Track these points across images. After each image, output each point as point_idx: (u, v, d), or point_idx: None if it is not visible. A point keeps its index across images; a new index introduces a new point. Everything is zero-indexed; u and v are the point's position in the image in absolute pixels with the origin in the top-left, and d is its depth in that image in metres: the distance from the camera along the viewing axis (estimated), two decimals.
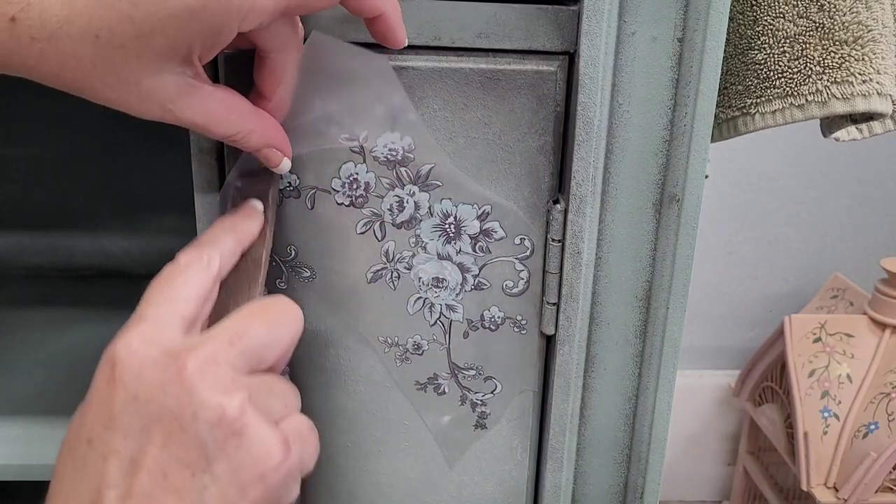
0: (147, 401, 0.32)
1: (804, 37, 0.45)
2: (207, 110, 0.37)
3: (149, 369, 0.32)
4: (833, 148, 1.30)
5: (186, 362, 0.32)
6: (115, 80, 0.34)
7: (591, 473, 0.51)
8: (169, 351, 0.33)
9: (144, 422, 0.32)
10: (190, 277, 0.36)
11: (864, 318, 1.17)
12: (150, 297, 0.35)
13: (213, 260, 0.38)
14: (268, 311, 0.35)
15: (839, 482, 1.11)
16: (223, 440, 0.32)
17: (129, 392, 0.32)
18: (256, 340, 0.34)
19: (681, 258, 0.45)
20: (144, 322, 0.34)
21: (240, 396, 0.32)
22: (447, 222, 0.45)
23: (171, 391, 0.32)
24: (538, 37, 0.42)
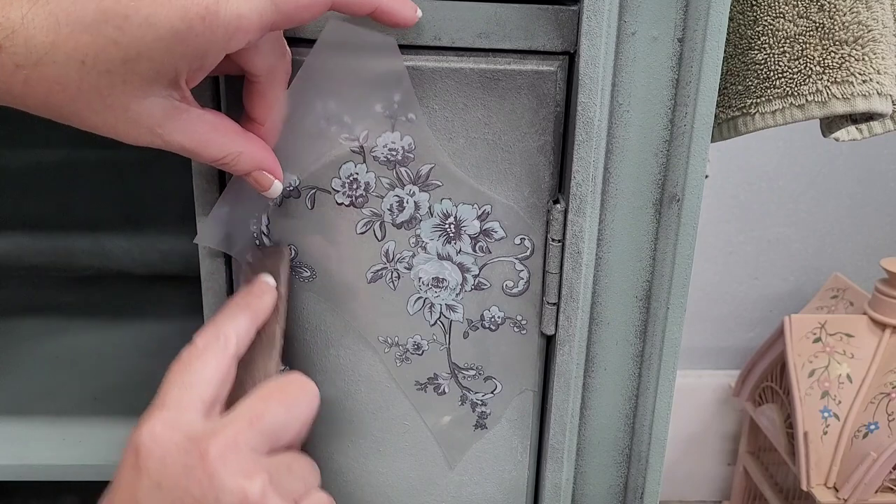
0: (171, 488, 0.33)
1: (804, 37, 0.45)
2: (196, 133, 0.37)
3: (172, 455, 0.33)
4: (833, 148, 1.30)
5: (208, 448, 0.33)
6: (102, 106, 0.34)
7: (591, 473, 0.51)
8: (191, 436, 0.34)
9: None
10: (208, 360, 0.37)
11: (864, 318, 1.17)
12: (170, 381, 0.36)
13: (229, 340, 0.38)
14: (284, 390, 0.37)
15: (839, 482, 1.11)
16: None
17: (153, 479, 0.33)
18: (275, 420, 0.35)
19: (681, 258, 0.45)
20: (166, 408, 0.35)
21: (261, 479, 0.33)
22: (447, 222, 0.45)
23: (194, 477, 0.33)
24: (538, 37, 0.42)
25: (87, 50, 0.33)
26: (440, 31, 0.42)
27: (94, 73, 0.33)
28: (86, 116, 0.35)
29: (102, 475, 0.54)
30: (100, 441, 0.56)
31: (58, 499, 0.79)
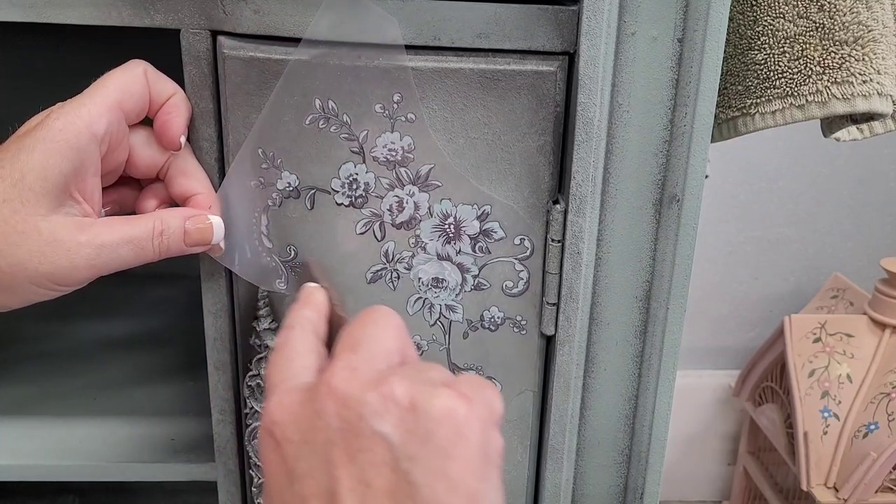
0: (315, 438, 0.32)
1: (804, 37, 0.45)
2: (116, 226, 0.41)
3: (301, 412, 0.33)
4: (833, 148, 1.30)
5: (330, 382, 0.32)
6: (18, 237, 0.38)
7: (591, 473, 0.51)
8: (308, 388, 0.33)
9: (322, 454, 0.31)
10: (293, 342, 0.37)
11: (864, 318, 1.17)
12: (269, 373, 0.36)
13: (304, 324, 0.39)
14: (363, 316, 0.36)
15: (839, 482, 1.11)
16: (400, 422, 0.31)
17: (295, 441, 0.32)
18: (373, 339, 0.34)
19: (681, 258, 0.45)
20: (276, 387, 0.35)
21: (392, 379, 0.32)
22: (447, 222, 0.45)
23: (330, 411, 0.32)
24: (538, 37, 0.42)
25: None
26: (440, 31, 0.42)
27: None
28: (10, 254, 0.38)
29: (102, 475, 0.54)
30: (100, 441, 0.56)
31: (58, 499, 0.79)
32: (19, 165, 0.38)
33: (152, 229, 0.41)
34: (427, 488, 0.30)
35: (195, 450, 0.55)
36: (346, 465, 0.31)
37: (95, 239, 0.40)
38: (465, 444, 0.31)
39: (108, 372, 0.64)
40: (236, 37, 0.42)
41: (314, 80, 0.42)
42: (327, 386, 0.32)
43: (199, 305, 0.48)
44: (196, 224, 0.42)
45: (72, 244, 0.39)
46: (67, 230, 0.39)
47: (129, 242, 0.40)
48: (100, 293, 0.79)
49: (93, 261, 0.40)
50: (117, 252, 0.40)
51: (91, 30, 0.43)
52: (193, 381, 0.62)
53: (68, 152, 0.39)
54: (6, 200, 0.38)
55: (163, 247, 0.42)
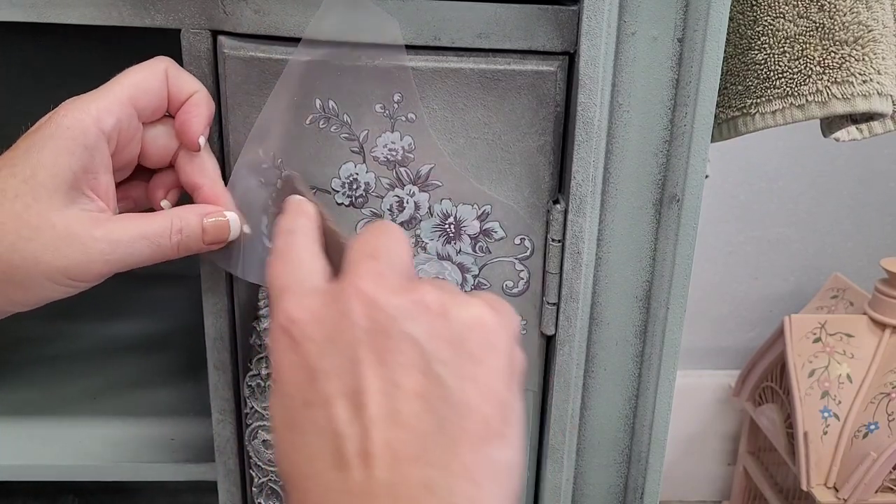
0: (339, 335, 0.31)
1: (804, 37, 0.45)
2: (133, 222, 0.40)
3: (325, 312, 0.32)
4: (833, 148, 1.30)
5: (358, 284, 0.32)
6: (32, 231, 0.38)
7: (591, 473, 0.51)
8: (331, 289, 0.32)
9: (348, 353, 0.31)
10: (299, 245, 0.37)
11: (864, 318, 1.17)
12: (275, 274, 0.35)
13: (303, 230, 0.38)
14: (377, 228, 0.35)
15: (839, 482, 1.11)
16: (431, 326, 0.31)
17: (317, 340, 0.31)
18: (391, 250, 0.34)
19: (681, 258, 0.45)
20: (290, 286, 0.34)
21: (422, 286, 0.32)
22: (447, 222, 0.45)
23: (358, 312, 0.31)
24: (538, 37, 0.42)
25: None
26: (440, 31, 0.42)
27: (8, 203, 0.37)
28: (23, 248, 0.38)
29: (102, 475, 0.54)
30: (100, 441, 0.56)
31: (58, 499, 0.79)
32: (31, 162, 0.38)
33: (170, 226, 0.41)
34: (459, 391, 0.30)
35: (195, 450, 0.55)
36: (374, 365, 0.30)
37: (111, 234, 0.39)
38: (495, 352, 0.31)
39: (109, 372, 0.64)
40: (237, 37, 0.42)
41: (314, 80, 0.42)
42: (354, 287, 0.31)
43: (199, 305, 0.48)
44: (213, 221, 0.42)
45: (87, 238, 0.39)
46: (82, 224, 0.39)
47: (145, 238, 0.40)
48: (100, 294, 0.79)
49: (108, 256, 0.39)
50: (133, 248, 0.40)
51: (91, 30, 0.43)
52: (194, 382, 0.62)
53: (77, 149, 0.38)
54: (18, 196, 0.38)
55: (182, 245, 0.41)
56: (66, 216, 0.38)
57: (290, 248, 0.36)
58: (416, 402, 0.30)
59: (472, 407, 0.30)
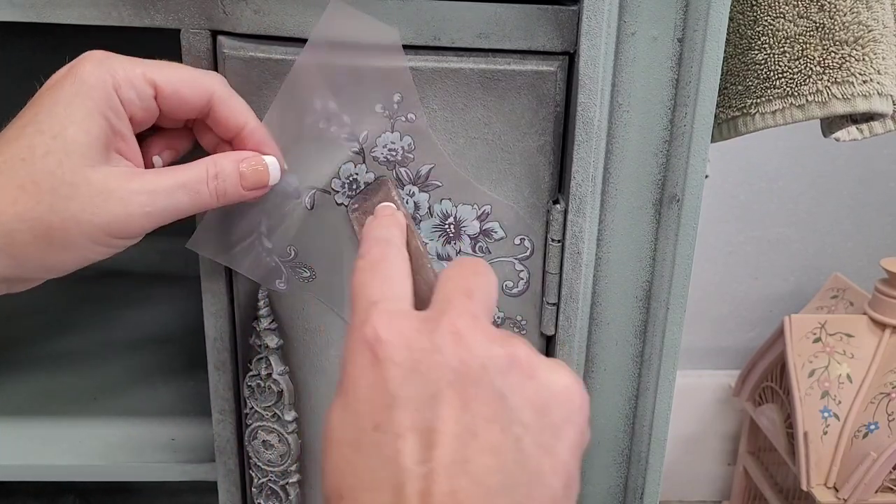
0: (426, 368, 0.30)
1: (804, 37, 0.45)
2: (169, 172, 0.39)
3: (416, 339, 0.31)
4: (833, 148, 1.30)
5: (455, 323, 0.31)
6: (69, 189, 0.36)
7: (591, 473, 0.51)
8: (425, 318, 0.32)
9: (431, 389, 0.30)
10: (393, 261, 0.36)
11: (864, 318, 1.17)
12: (365, 283, 0.34)
13: (399, 245, 0.38)
14: (472, 264, 0.35)
15: (839, 482, 1.11)
16: (520, 386, 0.30)
17: (403, 367, 0.31)
18: (484, 291, 0.34)
19: (681, 258, 0.45)
20: (382, 302, 0.33)
21: (516, 341, 0.31)
22: (447, 222, 0.45)
23: (450, 352, 0.30)
24: (538, 37, 0.42)
25: (20, 150, 0.36)
26: (440, 31, 0.42)
27: (37, 161, 0.36)
28: (63, 208, 0.36)
29: (102, 475, 0.54)
30: (100, 441, 0.56)
31: (58, 499, 0.79)
32: (58, 119, 0.36)
33: (206, 173, 0.39)
34: (535, 459, 0.30)
35: (195, 450, 0.55)
36: (455, 408, 0.30)
37: (148, 185, 0.38)
38: (573, 427, 0.31)
39: (109, 372, 0.64)
40: (236, 37, 0.42)
41: (314, 81, 0.42)
42: (451, 324, 0.31)
43: (199, 305, 0.48)
44: (251, 166, 0.41)
45: (124, 192, 0.37)
46: (118, 180, 0.37)
47: (183, 186, 0.39)
48: (100, 294, 0.79)
49: (148, 208, 0.38)
50: (173, 197, 0.38)
51: (91, 30, 0.43)
52: (193, 382, 0.62)
53: (106, 110, 0.37)
54: (49, 153, 0.36)
55: (220, 191, 0.40)
56: (101, 172, 0.37)
57: (385, 261, 0.36)
58: (489, 457, 0.29)
59: (543, 478, 0.30)
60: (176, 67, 0.40)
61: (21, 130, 0.37)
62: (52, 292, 0.78)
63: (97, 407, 0.60)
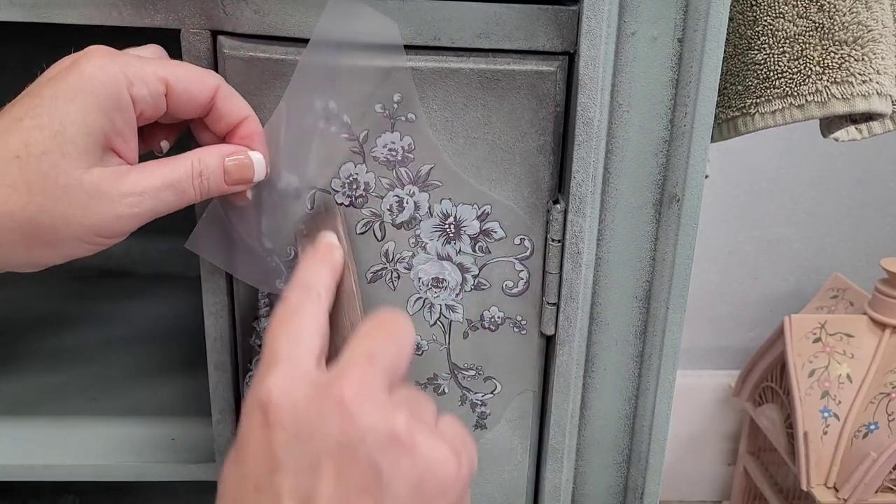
0: (310, 437, 0.31)
1: (804, 37, 0.45)
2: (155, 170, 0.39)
3: (303, 405, 0.32)
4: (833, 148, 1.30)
5: (342, 392, 0.32)
6: (60, 191, 0.36)
7: (591, 473, 0.51)
8: (317, 384, 0.33)
9: (311, 458, 0.31)
10: (307, 313, 0.36)
11: (864, 318, 1.17)
12: (275, 337, 0.35)
13: (321, 294, 0.38)
14: (384, 325, 0.36)
15: (839, 482, 1.11)
16: (397, 460, 0.31)
17: (288, 432, 0.32)
18: (388, 355, 0.34)
19: (681, 258, 0.45)
20: (283, 363, 0.34)
21: (403, 414, 0.32)
22: (447, 222, 0.45)
23: (333, 422, 0.31)
24: (538, 37, 0.42)
25: (16, 145, 0.36)
26: (440, 31, 0.42)
27: (32, 160, 0.36)
28: (53, 209, 0.36)
29: (102, 475, 0.54)
30: (100, 441, 0.56)
31: (58, 499, 0.79)
32: (59, 116, 0.36)
33: (191, 170, 0.39)
34: None
35: (195, 450, 0.55)
36: (332, 479, 0.31)
37: (136, 186, 0.38)
38: (445, 500, 0.32)
39: (109, 372, 0.64)
40: (236, 37, 0.42)
41: (316, 81, 0.42)
42: (339, 395, 0.32)
43: (199, 305, 0.48)
44: (235, 161, 0.41)
45: (114, 195, 0.37)
46: (108, 181, 0.37)
47: (169, 187, 0.39)
48: (100, 293, 0.79)
49: (136, 209, 0.38)
50: (159, 197, 0.39)
51: (91, 30, 0.43)
52: (193, 381, 0.62)
53: (109, 109, 0.37)
54: (45, 153, 0.36)
55: (203, 188, 0.40)
56: (93, 174, 0.37)
57: (298, 315, 0.36)
58: None
59: None
60: (183, 65, 0.40)
61: (17, 123, 0.36)
62: (53, 292, 0.78)
63: (97, 406, 0.60)
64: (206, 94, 0.40)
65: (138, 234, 0.40)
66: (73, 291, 0.78)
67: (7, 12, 0.42)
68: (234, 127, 0.41)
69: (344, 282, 0.40)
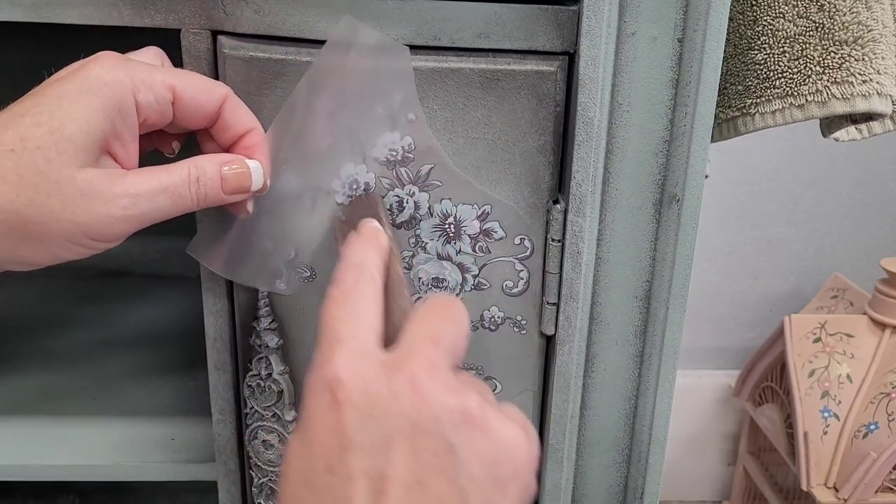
0: (383, 415, 0.31)
1: (804, 37, 0.45)
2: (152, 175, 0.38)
3: (375, 384, 0.32)
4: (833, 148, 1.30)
5: (414, 370, 0.32)
6: (52, 186, 0.36)
7: (591, 473, 0.51)
8: (386, 363, 0.32)
9: (385, 436, 0.31)
10: (365, 295, 0.36)
11: (864, 318, 1.17)
12: (335, 317, 0.35)
13: (374, 274, 0.37)
14: (445, 307, 0.35)
15: (839, 482, 1.11)
16: (471, 440, 0.31)
17: (360, 411, 0.31)
18: (452, 337, 0.34)
19: (681, 258, 0.45)
20: (347, 341, 0.33)
21: (475, 394, 0.32)
22: (447, 222, 0.45)
23: (406, 400, 0.31)
24: (538, 37, 0.42)
25: (12, 138, 0.35)
26: (440, 31, 0.42)
27: (27, 154, 0.35)
28: (42, 203, 0.36)
29: (102, 475, 0.54)
30: (100, 441, 0.56)
31: (58, 499, 0.79)
32: (60, 114, 0.36)
33: (188, 176, 0.39)
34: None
35: (195, 450, 0.55)
36: (406, 457, 0.30)
37: (131, 188, 0.37)
38: (519, 483, 0.32)
39: (109, 372, 0.64)
40: (236, 37, 0.42)
41: (315, 81, 0.42)
42: (410, 372, 0.32)
43: (199, 305, 0.48)
44: (233, 169, 0.40)
45: (108, 195, 0.37)
46: (103, 181, 0.37)
47: (165, 191, 0.38)
48: (100, 293, 0.79)
49: (129, 210, 0.38)
50: (155, 201, 0.38)
51: (91, 30, 0.43)
52: (193, 381, 0.62)
53: (112, 112, 0.37)
54: (40, 148, 0.36)
55: (200, 195, 0.39)
56: (88, 173, 0.37)
57: (356, 293, 0.36)
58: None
59: None
60: (191, 75, 0.40)
61: (17, 120, 0.36)
62: (52, 292, 0.78)
63: (97, 407, 0.60)
64: (214, 104, 0.40)
65: (137, 234, 0.40)
66: (72, 291, 0.78)
67: (7, 12, 0.42)
68: (239, 138, 0.41)
69: (391, 268, 0.40)
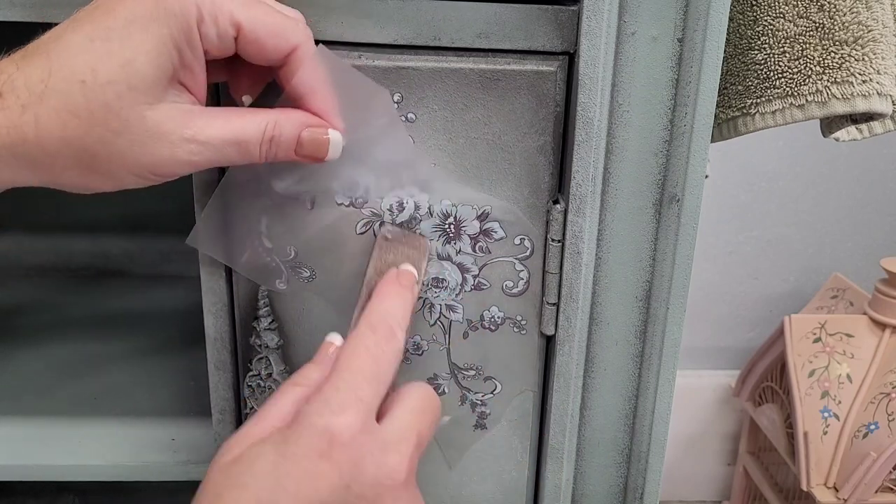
0: (359, 494, 0.34)
1: (804, 37, 0.45)
2: (226, 122, 0.37)
3: (366, 463, 0.34)
4: (833, 148, 1.30)
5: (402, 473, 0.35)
6: (121, 124, 0.35)
7: (591, 473, 0.51)
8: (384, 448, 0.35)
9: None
10: (391, 360, 0.38)
11: (864, 318, 1.17)
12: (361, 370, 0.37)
13: (401, 338, 0.39)
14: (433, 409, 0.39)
15: (839, 482, 1.11)
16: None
17: (343, 479, 0.34)
18: (426, 441, 0.38)
19: (681, 258, 0.45)
20: (363, 403, 0.35)
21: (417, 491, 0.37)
22: (447, 222, 0.45)
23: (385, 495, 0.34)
24: (538, 37, 0.42)
25: (83, 68, 0.34)
26: (440, 31, 0.42)
27: (98, 87, 0.34)
28: (111, 142, 0.35)
29: (102, 475, 0.54)
30: (100, 441, 0.56)
31: (58, 499, 0.79)
32: (131, 44, 0.34)
33: (263, 134, 0.38)
34: None
35: (195, 450, 0.55)
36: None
37: (200, 134, 0.36)
38: None
39: (109, 372, 0.64)
40: None
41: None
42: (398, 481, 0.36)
43: (198, 305, 0.48)
44: (314, 135, 0.39)
45: (175, 138, 0.36)
46: (174, 122, 0.36)
47: (235, 144, 0.37)
48: (99, 293, 0.79)
49: (195, 157, 0.37)
50: (222, 152, 0.37)
51: None
52: (193, 381, 0.62)
53: (181, 42, 0.35)
54: (111, 82, 0.34)
55: (270, 154, 0.38)
56: (159, 111, 0.35)
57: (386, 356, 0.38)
58: None
59: None
60: (268, 11, 0.37)
61: (88, 43, 0.34)
62: (52, 292, 0.78)
63: (97, 407, 0.60)
64: (280, 51, 0.38)
65: (137, 234, 0.40)
66: (72, 291, 0.78)
67: (7, 12, 0.42)
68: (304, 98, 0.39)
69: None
